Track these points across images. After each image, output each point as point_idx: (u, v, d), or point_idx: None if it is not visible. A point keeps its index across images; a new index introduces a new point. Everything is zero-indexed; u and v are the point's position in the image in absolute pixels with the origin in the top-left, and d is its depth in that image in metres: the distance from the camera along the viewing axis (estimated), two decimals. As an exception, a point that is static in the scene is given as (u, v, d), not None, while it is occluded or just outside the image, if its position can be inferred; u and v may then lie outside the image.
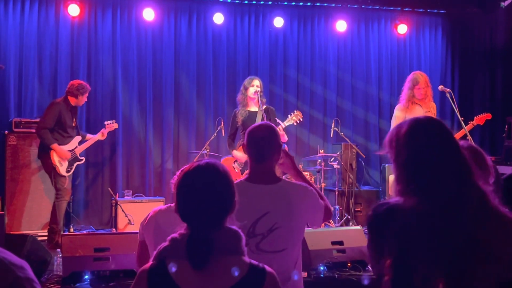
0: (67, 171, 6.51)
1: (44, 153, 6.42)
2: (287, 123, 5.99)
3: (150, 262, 1.83)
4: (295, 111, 6.26)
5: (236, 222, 1.91)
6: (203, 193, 1.83)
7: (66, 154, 6.45)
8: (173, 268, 1.76)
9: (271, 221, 2.57)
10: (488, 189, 1.72)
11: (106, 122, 7.02)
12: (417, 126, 1.79)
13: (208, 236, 1.77)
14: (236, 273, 1.75)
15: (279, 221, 2.58)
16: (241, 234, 1.85)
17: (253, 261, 1.83)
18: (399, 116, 6.04)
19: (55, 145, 6.37)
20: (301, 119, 6.14)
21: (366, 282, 4.76)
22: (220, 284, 1.76)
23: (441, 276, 1.57)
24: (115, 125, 7.07)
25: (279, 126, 5.87)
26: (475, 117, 6.43)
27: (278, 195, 2.63)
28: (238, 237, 1.84)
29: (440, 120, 1.84)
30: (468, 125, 6.33)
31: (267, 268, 1.84)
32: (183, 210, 1.86)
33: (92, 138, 6.84)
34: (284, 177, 3.21)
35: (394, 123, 6.00)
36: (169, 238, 1.83)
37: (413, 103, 6.07)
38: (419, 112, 5.91)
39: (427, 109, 5.97)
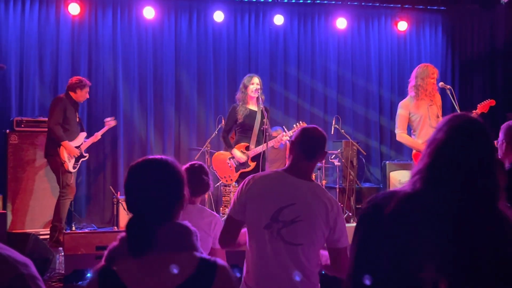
0: (74, 168, 6.55)
1: (53, 150, 6.43)
2: (291, 132, 5.96)
3: (101, 263, 1.80)
4: (300, 122, 6.21)
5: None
6: (148, 184, 1.81)
7: (75, 151, 6.51)
8: (119, 268, 1.73)
9: (296, 212, 2.69)
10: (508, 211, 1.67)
11: (105, 120, 7.04)
12: (464, 125, 1.73)
13: (150, 227, 1.74)
14: (175, 271, 1.70)
15: (302, 215, 2.69)
16: (192, 229, 1.81)
17: (204, 255, 1.79)
18: (403, 114, 5.84)
19: (65, 142, 6.40)
20: None
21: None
22: (169, 282, 1.71)
23: (440, 273, 1.56)
24: (114, 122, 7.09)
25: (283, 133, 5.88)
26: (478, 105, 6.11)
27: (309, 192, 2.76)
28: (188, 232, 1.80)
29: (487, 130, 1.75)
30: (472, 114, 6.13)
31: (219, 261, 1.79)
32: (128, 201, 1.83)
33: (89, 140, 6.84)
34: None
35: (398, 121, 5.89)
36: (118, 237, 1.81)
37: (423, 97, 5.85)
38: (425, 106, 5.80)
39: (431, 102, 5.86)
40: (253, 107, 6.05)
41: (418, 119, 5.74)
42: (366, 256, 1.65)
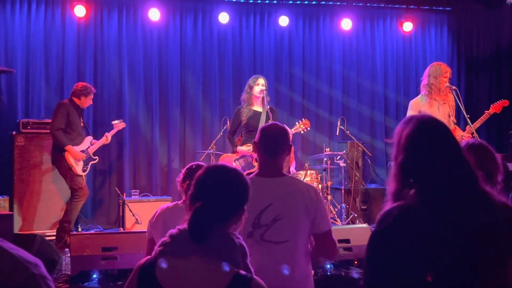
0: (83, 170, 6.58)
1: (59, 155, 6.45)
2: (294, 130, 5.96)
3: (147, 257, 1.87)
4: (303, 119, 6.22)
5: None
6: (218, 186, 1.90)
7: (79, 155, 6.52)
8: (161, 266, 1.79)
9: (274, 212, 2.70)
10: (493, 191, 1.70)
11: (113, 122, 7.05)
12: (421, 127, 1.76)
13: (211, 215, 1.83)
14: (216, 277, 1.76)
15: (281, 212, 2.70)
16: (237, 245, 1.85)
17: (242, 272, 1.81)
18: (413, 113, 5.80)
19: (69, 147, 6.42)
20: (309, 128, 6.12)
21: (356, 275, 4.81)
22: None
23: (442, 280, 1.57)
24: (123, 124, 7.09)
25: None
26: (491, 105, 6.11)
27: (282, 188, 2.77)
28: (235, 246, 1.84)
29: (443, 123, 1.80)
30: (484, 115, 6.09)
31: (256, 277, 1.83)
32: (196, 193, 1.90)
33: (97, 143, 6.84)
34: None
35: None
36: (168, 233, 1.86)
37: (435, 96, 5.82)
38: (435, 105, 5.78)
39: (443, 101, 5.83)
40: (258, 108, 6.06)
41: None
42: (382, 275, 1.67)
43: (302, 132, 6.11)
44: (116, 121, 7.06)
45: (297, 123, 6.15)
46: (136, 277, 1.84)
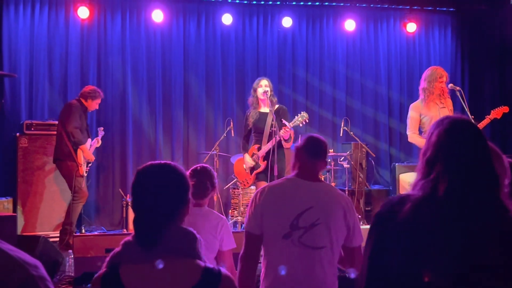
0: (86, 172, 6.62)
1: (63, 155, 6.45)
2: (292, 124, 5.96)
3: (103, 269, 1.81)
4: (302, 112, 6.23)
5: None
6: (153, 189, 1.85)
7: (91, 155, 6.62)
8: (123, 273, 1.75)
9: (315, 216, 2.70)
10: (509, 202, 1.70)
11: (99, 128, 7.09)
12: (453, 127, 1.75)
13: (155, 225, 1.79)
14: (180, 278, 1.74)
15: (321, 217, 2.70)
16: (196, 235, 1.83)
17: (208, 265, 1.80)
18: (414, 116, 5.84)
19: (84, 146, 6.47)
20: (307, 120, 6.10)
21: (353, 276, 4.80)
22: None
23: (442, 276, 1.56)
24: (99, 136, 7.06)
25: (285, 126, 5.84)
26: (492, 110, 6.12)
27: (323, 192, 2.79)
28: (192, 239, 1.82)
29: (477, 126, 1.79)
30: (485, 120, 6.11)
31: (223, 271, 1.80)
32: (134, 203, 1.87)
33: (93, 144, 6.85)
34: None
35: (409, 123, 5.89)
36: (122, 242, 1.83)
37: (431, 100, 5.86)
38: (435, 108, 5.79)
39: (443, 105, 5.85)
40: (265, 109, 6.07)
41: (429, 121, 5.73)
42: (380, 258, 1.67)
43: (300, 125, 6.08)
44: (101, 128, 7.07)
45: (296, 116, 6.13)
46: (98, 286, 1.78)
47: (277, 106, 6.07)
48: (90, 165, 6.84)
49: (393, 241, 1.64)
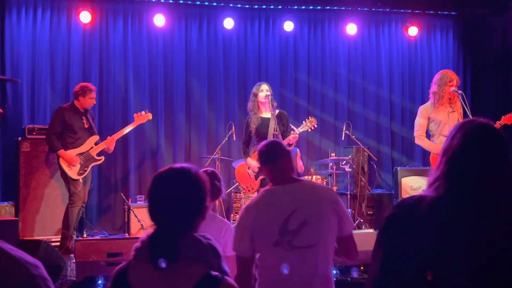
0: (79, 174, 6.50)
1: (57, 160, 6.49)
2: (301, 129, 5.97)
3: (125, 262, 1.84)
4: (309, 117, 6.22)
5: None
6: (172, 195, 1.83)
7: (72, 159, 6.44)
8: (132, 276, 1.77)
9: (301, 216, 2.68)
10: None
11: (135, 114, 7.00)
12: (477, 130, 1.76)
13: (172, 237, 1.77)
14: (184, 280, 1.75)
15: (308, 216, 2.68)
16: (216, 248, 1.81)
17: (213, 272, 1.77)
18: (422, 119, 5.81)
19: (61, 151, 6.41)
20: (315, 126, 6.12)
21: (355, 275, 4.81)
22: None
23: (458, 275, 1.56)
24: (148, 115, 7.01)
25: (294, 132, 5.86)
26: (503, 116, 6.03)
27: (303, 192, 2.77)
28: (206, 249, 1.79)
29: (501, 133, 1.79)
30: (495, 125, 6.09)
31: (228, 279, 1.79)
32: (151, 210, 1.85)
33: (100, 144, 6.74)
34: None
35: (417, 125, 5.86)
36: (134, 247, 1.83)
37: (441, 104, 5.83)
38: (445, 112, 5.77)
39: (452, 109, 5.82)
40: (266, 114, 6.07)
41: (437, 125, 5.73)
42: (394, 259, 1.66)
43: (309, 130, 6.10)
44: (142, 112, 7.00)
45: (304, 121, 6.15)
46: (111, 282, 1.83)
47: (277, 111, 6.07)
48: (97, 163, 6.71)
49: (410, 242, 1.63)
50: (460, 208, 1.63)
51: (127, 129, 6.96)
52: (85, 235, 6.97)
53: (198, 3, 8.41)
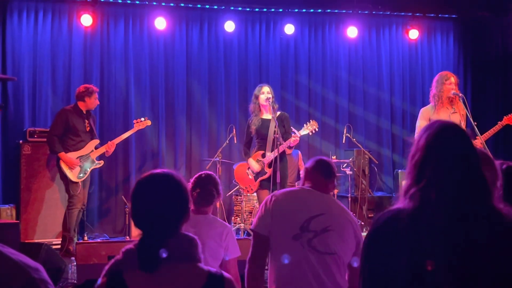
0: (79, 177, 6.51)
1: (58, 161, 6.50)
2: (302, 132, 5.99)
3: (103, 278, 1.81)
4: (311, 120, 6.23)
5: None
6: (155, 200, 1.84)
7: (72, 162, 6.45)
8: (128, 279, 1.76)
9: (326, 222, 2.76)
10: (506, 208, 1.69)
11: (135, 121, 7.09)
12: (441, 131, 1.74)
13: (160, 242, 1.78)
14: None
15: (333, 224, 2.76)
16: (197, 241, 1.85)
17: (211, 269, 1.82)
18: (422, 121, 5.79)
19: (61, 154, 6.42)
20: (317, 129, 6.14)
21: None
22: None
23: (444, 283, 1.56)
24: (147, 122, 7.10)
25: (295, 134, 5.87)
26: (504, 116, 6.07)
27: (335, 204, 2.91)
28: (194, 244, 1.84)
29: (466, 132, 1.79)
30: (496, 126, 6.05)
31: (225, 274, 1.83)
32: (136, 217, 1.87)
33: (100, 148, 6.77)
34: None
35: (418, 126, 5.85)
36: (123, 250, 1.83)
37: (442, 105, 5.82)
38: (446, 113, 5.75)
39: (454, 110, 5.81)
40: (267, 116, 6.08)
41: None
42: (380, 276, 1.66)
43: (310, 133, 6.11)
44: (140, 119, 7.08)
45: (305, 124, 6.16)
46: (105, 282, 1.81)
47: (278, 113, 6.08)
48: (97, 167, 6.74)
49: (394, 259, 1.62)
50: (435, 219, 1.61)
51: (127, 135, 6.99)
52: (86, 238, 6.97)
53: (199, 6, 8.43)
